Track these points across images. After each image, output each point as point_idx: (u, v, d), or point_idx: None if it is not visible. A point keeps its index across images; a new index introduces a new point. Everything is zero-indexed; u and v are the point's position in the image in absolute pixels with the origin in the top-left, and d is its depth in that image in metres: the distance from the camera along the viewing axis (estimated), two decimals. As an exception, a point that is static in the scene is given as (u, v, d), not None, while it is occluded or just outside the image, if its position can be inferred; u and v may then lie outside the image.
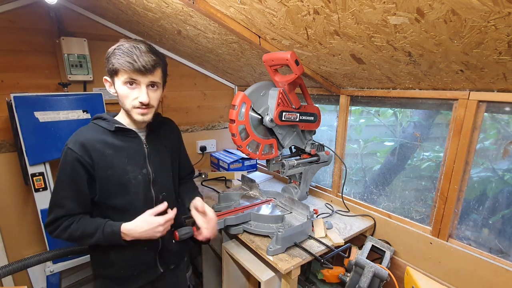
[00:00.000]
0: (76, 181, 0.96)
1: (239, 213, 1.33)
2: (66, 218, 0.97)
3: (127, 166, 1.02)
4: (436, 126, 1.38)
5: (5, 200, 1.69)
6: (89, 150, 0.95)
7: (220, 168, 2.27)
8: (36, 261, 1.35)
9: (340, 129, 1.66)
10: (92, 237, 0.96)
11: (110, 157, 0.99)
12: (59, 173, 0.97)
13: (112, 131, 1.00)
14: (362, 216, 1.56)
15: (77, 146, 0.94)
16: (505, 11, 0.63)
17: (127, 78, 0.93)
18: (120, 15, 1.64)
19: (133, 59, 0.90)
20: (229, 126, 1.19)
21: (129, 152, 1.03)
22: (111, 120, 1.02)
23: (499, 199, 1.16)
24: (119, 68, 0.91)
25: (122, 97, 0.96)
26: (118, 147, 1.01)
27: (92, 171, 0.97)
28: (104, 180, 0.98)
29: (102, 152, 0.97)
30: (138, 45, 0.92)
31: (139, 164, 1.05)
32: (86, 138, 0.96)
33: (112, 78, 0.96)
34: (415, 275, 1.08)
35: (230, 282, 1.44)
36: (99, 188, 0.99)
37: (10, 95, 1.38)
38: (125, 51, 0.90)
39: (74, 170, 0.95)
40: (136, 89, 0.95)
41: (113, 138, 1.00)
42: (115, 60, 0.91)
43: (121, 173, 1.01)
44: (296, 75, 1.18)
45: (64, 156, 0.96)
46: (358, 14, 0.82)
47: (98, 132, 1.00)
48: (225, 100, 2.53)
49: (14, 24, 1.57)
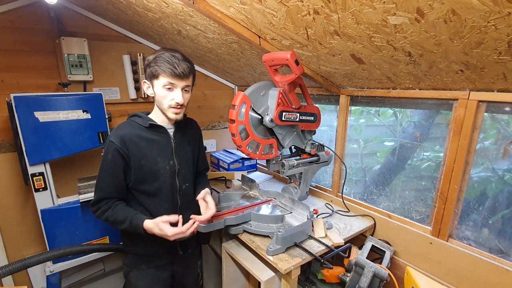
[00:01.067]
0: (115, 169, 1.13)
1: (239, 213, 1.33)
2: (105, 201, 1.14)
3: (158, 157, 1.19)
4: (436, 126, 1.37)
5: (5, 200, 1.69)
6: (127, 142, 1.12)
7: (220, 168, 2.27)
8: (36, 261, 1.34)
9: (340, 129, 1.66)
10: (122, 224, 1.13)
11: (143, 148, 1.16)
12: (102, 161, 1.14)
13: (146, 127, 1.17)
14: (362, 216, 1.56)
15: (117, 139, 1.11)
16: (505, 11, 0.63)
17: (167, 82, 1.09)
18: (120, 15, 1.64)
19: (173, 66, 1.07)
20: (229, 126, 1.19)
21: (159, 145, 1.20)
22: (146, 118, 1.20)
23: (499, 199, 1.16)
24: (160, 73, 1.09)
25: (161, 98, 1.13)
26: (151, 141, 1.18)
27: (128, 160, 1.14)
28: (138, 168, 1.15)
29: (137, 144, 1.15)
30: (175, 54, 1.10)
31: (167, 156, 1.22)
32: (124, 132, 1.14)
33: (152, 81, 1.13)
34: (415, 275, 1.08)
35: (230, 282, 1.44)
36: (133, 175, 1.16)
37: (10, 95, 1.38)
38: (166, 59, 1.08)
39: (114, 159, 1.12)
40: (173, 91, 1.12)
41: (146, 133, 1.17)
42: (157, 66, 1.08)
43: (152, 163, 1.18)
44: (296, 75, 1.18)
45: (107, 147, 1.13)
46: (358, 14, 0.82)
47: (134, 127, 1.17)
48: (225, 100, 2.53)
49: (14, 24, 1.57)
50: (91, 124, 1.60)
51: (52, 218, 1.57)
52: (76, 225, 1.65)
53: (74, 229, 1.65)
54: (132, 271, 1.29)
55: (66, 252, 1.44)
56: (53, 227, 1.58)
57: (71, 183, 1.85)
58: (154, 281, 1.29)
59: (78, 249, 1.49)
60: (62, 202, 1.63)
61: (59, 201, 1.63)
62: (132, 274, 1.28)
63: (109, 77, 1.89)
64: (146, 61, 1.14)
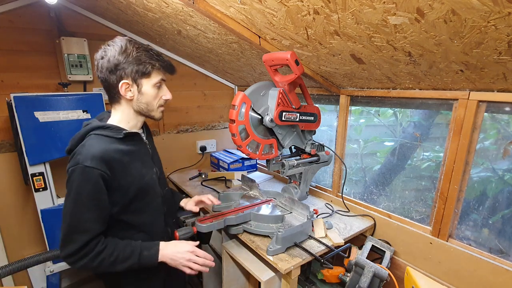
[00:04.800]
0: (100, 199, 0.90)
1: (239, 213, 1.33)
2: (94, 242, 0.90)
3: (142, 169, 1.02)
4: (436, 126, 1.37)
5: (5, 200, 1.69)
6: (109, 162, 0.91)
7: (220, 168, 2.27)
8: (36, 261, 1.34)
9: (340, 129, 1.66)
10: (126, 262, 0.93)
11: (127, 164, 0.97)
12: (75, 194, 0.87)
13: (120, 138, 0.97)
14: (362, 216, 1.56)
15: (95, 162, 0.87)
16: (505, 11, 0.63)
17: (160, 79, 0.99)
18: (120, 15, 1.64)
19: (164, 61, 0.98)
20: (229, 126, 1.19)
21: (140, 155, 1.04)
22: (114, 127, 0.98)
23: (499, 199, 1.16)
24: (153, 70, 0.96)
25: (151, 98, 0.99)
26: (131, 153, 0.99)
27: (112, 183, 0.92)
28: (125, 188, 0.96)
29: (119, 161, 0.94)
30: (150, 47, 0.97)
31: (150, 165, 1.08)
32: (101, 150, 0.90)
33: (139, 81, 0.96)
34: (415, 275, 1.08)
35: (230, 282, 1.44)
36: (120, 199, 0.95)
37: (10, 95, 1.38)
38: (153, 54, 0.95)
39: (98, 188, 0.88)
40: (161, 89, 1.02)
41: (123, 145, 0.97)
42: (149, 63, 0.94)
43: (139, 178, 1.00)
44: (296, 75, 1.18)
45: (81, 175, 0.87)
46: (358, 14, 0.82)
47: (106, 142, 0.94)
48: (225, 100, 2.53)
49: (14, 24, 1.57)
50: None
51: (52, 218, 1.58)
52: (76, 225, 1.65)
53: (74, 229, 1.65)
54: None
55: (66, 252, 1.43)
56: (53, 227, 1.58)
57: (71, 183, 1.85)
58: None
59: (78, 249, 1.49)
60: (62, 202, 1.62)
61: (59, 201, 1.63)
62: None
63: (109, 77, 1.89)
64: (115, 57, 0.92)
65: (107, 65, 0.93)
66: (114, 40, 0.96)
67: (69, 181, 0.89)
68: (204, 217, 1.26)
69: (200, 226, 1.19)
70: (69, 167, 0.89)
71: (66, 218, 0.88)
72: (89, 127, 0.97)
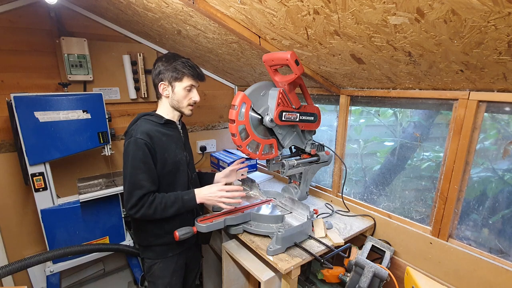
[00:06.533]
0: (148, 163, 1.20)
1: (239, 213, 1.33)
2: (147, 196, 1.19)
3: (176, 149, 1.32)
4: (436, 126, 1.37)
5: (5, 200, 1.69)
6: (153, 138, 1.22)
7: (220, 168, 2.27)
8: (36, 261, 1.34)
9: (340, 129, 1.66)
10: (172, 207, 1.21)
11: (165, 142, 1.27)
12: (131, 160, 1.17)
13: (161, 123, 1.30)
14: (362, 216, 1.56)
15: (144, 135, 1.19)
16: (505, 11, 0.63)
17: (190, 84, 1.28)
18: (120, 15, 1.64)
19: (196, 70, 1.29)
20: (229, 126, 1.19)
21: (175, 139, 1.34)
22: (158, 115, 1.32)
23: (499, 199, 1.16)
24: (185, 76, 1.26)
25: (181, 97, 1.29)
26: (168, 135, 1.31)
27: (155, 154, 1.22)
28: (162, 161, 1.25)
29: (160, 138, 1.26)
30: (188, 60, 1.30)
31: (182, 148, 1.37)
32: (147, 129, 1.22)
33: (173, 83, 1.27)
34: (415, 275, 1.08)
35: (230, 282, 1.44)
36: (158, 168, 1.24)
37: (10, 95, 1.38)
38: (188, 64, 1.26)
39: (146, 154, 1.19)
40: (191, 91, 1.31)
41: (163, 129, 1.29)
42: (182, 70, 1.25)
43: (173, 155, 1.30)
44: (296, 75, 1.18)
45: (135, 144, 1.18)
46: (358, 14, 0.82)
47: (152, 124, 1.27)
48: (225, 100, 2.53)
49: (14, 24, 1.57)
50: (91, 124, 1.60)
51: (52, 218, 1.58)
52: (76, 225, 1.65)
53: (74, 229, 1.65)
54: (157, 263, 1.36)
55: (66, 252, 1.44)
56: (53, 227, 1.59)
57: (71, 183, 1.86)
58: (176, 269, 1.40)
59: (78, 249, 1.49)
60: (62, 202, 1.63)
61: (59, 201, 1.63)
62: (157, 266, 1.36)
63: (109, 77, 1.89)
64: (160, 66, 1.26)
65: (155, 71, 1.29)
66: (164, 54, 1.35)
67: (126, 151, 1.21)
68: (204, 217, 1.26)
69: (200, 226, 1.19)
70: (126, 140, 1.24)
71: (126, 178, 1.19)
72: (140, 114, 1.32)
